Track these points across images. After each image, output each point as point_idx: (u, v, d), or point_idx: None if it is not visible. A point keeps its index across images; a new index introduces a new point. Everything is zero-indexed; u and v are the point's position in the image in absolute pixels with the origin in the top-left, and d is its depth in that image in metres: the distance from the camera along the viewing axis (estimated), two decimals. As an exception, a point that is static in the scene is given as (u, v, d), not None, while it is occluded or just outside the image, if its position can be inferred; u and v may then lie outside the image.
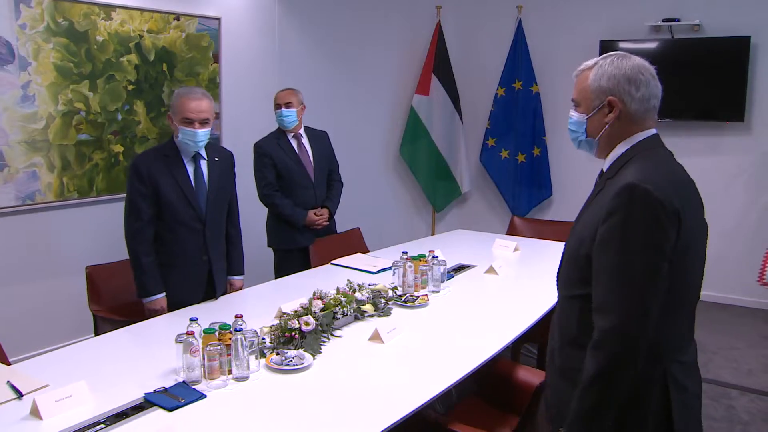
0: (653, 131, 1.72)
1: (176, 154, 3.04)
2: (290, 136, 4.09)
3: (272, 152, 4.02)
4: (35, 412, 1.95)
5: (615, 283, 1.55)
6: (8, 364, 2.45)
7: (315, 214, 4.08)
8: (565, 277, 1.78)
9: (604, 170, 1.77)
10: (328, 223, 4.16)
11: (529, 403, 2.36)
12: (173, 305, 3.00)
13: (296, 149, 4.08)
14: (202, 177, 3.09)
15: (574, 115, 1.81)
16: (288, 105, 3.98)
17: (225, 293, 3.24)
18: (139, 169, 2.96)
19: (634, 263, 1.53)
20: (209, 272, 3.13)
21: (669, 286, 1.56)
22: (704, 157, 5.40)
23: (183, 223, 3.04)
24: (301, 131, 4.12)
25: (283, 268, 4.10)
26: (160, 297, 3.00)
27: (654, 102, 1.71)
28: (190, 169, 3.06)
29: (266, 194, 4.04)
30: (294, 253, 4.13)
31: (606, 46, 5.67)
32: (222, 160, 3.20)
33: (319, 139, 4.22)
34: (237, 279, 3.33)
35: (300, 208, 4.05)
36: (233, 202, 3.32)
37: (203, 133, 2.97)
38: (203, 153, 3.10)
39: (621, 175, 1.64)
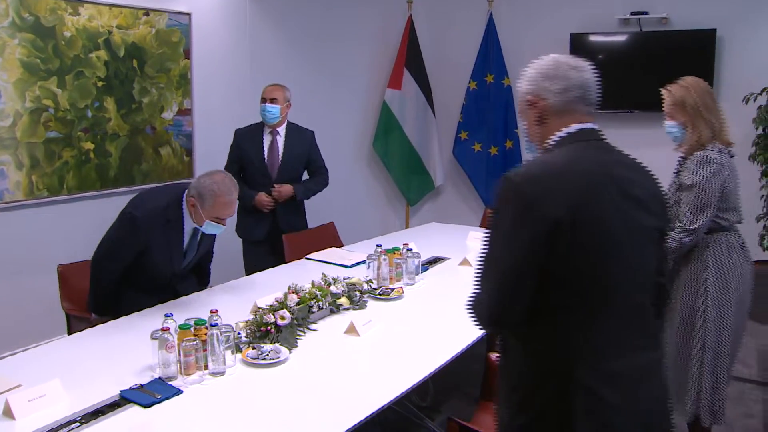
0: (582, 126, 1.63)
1: (178, 218, 2.94)
2: (267, 131, 4.09)
3: (242, 143, 4.07)
4: (8, 413, 1.93)
5: (482, 267, 1.56)
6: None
7: (267, 195, 4.03)
8: None
9: None
10: (272, 206, 4.05)
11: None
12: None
13: (266, 145, 4.08)
14: (194, 246, 3.06)
15: (523, 125, 1.77)
16: (273, 101, 4.00)
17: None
18: (138, 229, 2.84)
19: (495, 254, 1.53)
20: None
21: (577, 289, 1.48)
22: (670, 148, 5.46)
23: (157, 278, 3.01)
24: (280, 128, 4.12)
25: (246, 259, 4.19)
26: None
27: (576, 92, 1.62)
28: (187, 239, 3.00)
29: None
30: (258, 244, 4.16)
31: (576, 39, 5.73)
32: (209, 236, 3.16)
33: (300, 137, 4.18)
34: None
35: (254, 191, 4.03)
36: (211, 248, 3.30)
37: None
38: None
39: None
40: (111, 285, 2.94)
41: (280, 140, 4.11)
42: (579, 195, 1.47)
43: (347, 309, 2.88)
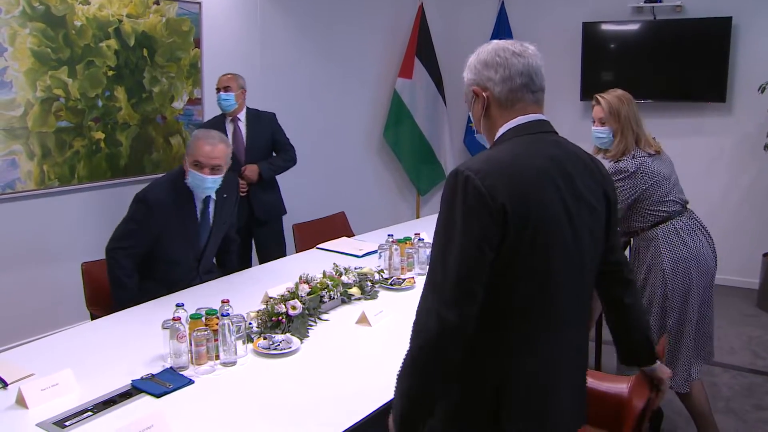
0: (529, 117, 1.57)
1: (188, 192, 2.99)
2: (227, 120, 4.15)
3: None
4: (21, 401, 1.93)
5: (432, 262, 1.48)
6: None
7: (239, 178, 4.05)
8: None
9: None
10: (246, 188, 4.09)
11: (635, 424, 1.95)
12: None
13: (229, 134, 4.12)
14: (208, 218, 3.08)
15: (469, 113, 1.71)
16: (227, 89, 4.07)
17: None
18: (150, 207, 2.89)
19: (449, 245, 1.43)
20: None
21: (507, 283, 1.45)
22: (685, 138, 5.42)
23: (182, 264, 3.06)
24: (240, 115, 4.16)
25: None
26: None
27: (521, 79, 1.55)
28: (199, 210, 3.04)
29: None
30: (237, 232, 4.15)
31: (589, 28, 5.68)
32: (230, 195, 3.21)
33: (262, 122, 4.24)
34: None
35: None
36: (232, 225, 3.36)
37: (212, 180, 2.92)
38: (213, 194, 3.08)
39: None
40: (127, 271, 2.92)
41: (242, 126, 4.17)
42: (525, 188, 1.44)
43: (359, 299, 2.87)
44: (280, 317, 2.49)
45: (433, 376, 1.45)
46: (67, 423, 1.84)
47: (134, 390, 2.03)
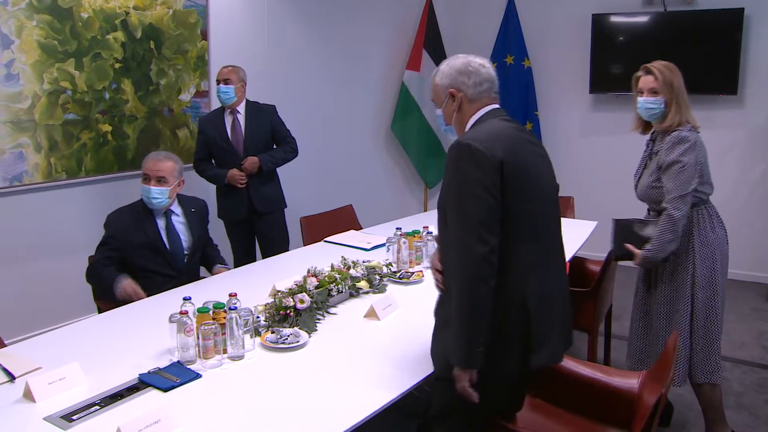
0: (491, 106, 2.08)
1: (147, 210, 3.17)
2: (227, 112, 4.13)
3: (206, 130, 4.15)
4: (28, 395, 1.93)
5: (458, 218, 1.87)
6: (3, 345, 2.43)
7: (237, 170, 4.07)
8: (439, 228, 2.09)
9: None
10: (245, 180, 4.09)
11: (648, 419, 1.92)
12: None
13: (228, 126, 4.12)
14: (176, 233, 3.21)
15: (438, 111, 2.17)
16: (227, 82, 4.04)
17: None
18: (110, 226, 3.14)
19: (466, 197, 1.85)
20: None
21: (511, 220, 1.87)
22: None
23: (156, 271, 3.15)
24: (240, 107, 4.14)
25: (231, 239, 4.31)
26: (123, 279, 2.97)
27: (486, 84, 2.08)
28: (161, 226, 3.18)
29: (195, 163, 4.20)
30: (239, 224, 4.24)
31: (598, 20, 5.63)
32: (197, 209, 3.33)
33: (261, 114, 4.21)
34: (222, 267, 3.33)
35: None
36: (209, 240, 3.47)
37: (157, 191, 3.09)
38: (176, 209, 3.25)
39: (461, 136, 1.99)
40: (103, 266, 3.08)
41: (241, 118, 4.15)
42: (510, 146, 1.91)
43: (367, 292, 2.86)
44: (288, 311, 2.48)
45: (481, 300, 1.83)
46: (74, 417, 1.83)
47: (141, 384, 2.02)
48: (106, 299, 3.00)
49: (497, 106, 2.10)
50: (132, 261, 3.11)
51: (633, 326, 3.09)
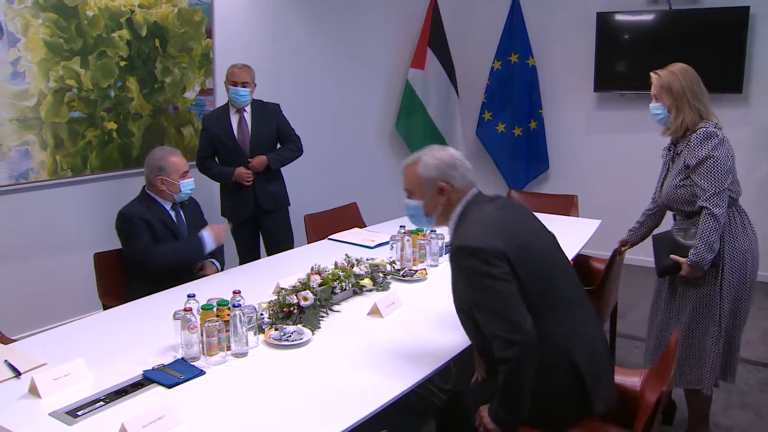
0: (473, 192, 2.17)
1: (155, 203, 3.22)
2: (233, 111, 4.13)
3: (211, 128, 4.12)
4: (34, 391, 1.94)
5: (486, 315, 1.95)
6: (12, 341, 2.44)
7: (245, 168, 4.08)
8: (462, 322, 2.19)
9: (449, 238, 2.21)
10: (251, 178, 4.10)
11: (648, 417, 1.97)
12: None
13: (234, 125, 4.11)
14: (183, 222, 3.29)
15: (411, 202, 2.24)
16: (245, 84, 4.05)
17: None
18: (132, 218, 3.13)
19: (488, 295, 1.93)
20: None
21: (534, 295, 1.95)
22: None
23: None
24: (246, 107, 4.15)
25: (236, 239, 4.28)
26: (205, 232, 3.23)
27: (469, 175, 2.18)
28: (173, 215, 3.26)
29: (199, 161, 4.17)
30: (244, 223, 4.23)
31: (603, 18, 5.63)
32: (189, 201, 3.39)
33: (267, 113, 4.21)
34: (213, 263, 3.35)
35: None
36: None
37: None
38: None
39: (456, 236, 2.11)
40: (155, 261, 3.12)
41: (248, 117, 4.15)
42: (504, 233, 2.00)
43: (370, 290, 2.86)
44: (292, 308, 2.48)
45: (528, 379, 1.91)
46: (79, 412, 1.84)
47: (146, 380, 2.03)
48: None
49: (476, 190, 2.18)
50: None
51: (651, 327, 3.06)
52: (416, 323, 2.56)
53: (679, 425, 3.21)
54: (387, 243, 3.38)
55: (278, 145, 4.26)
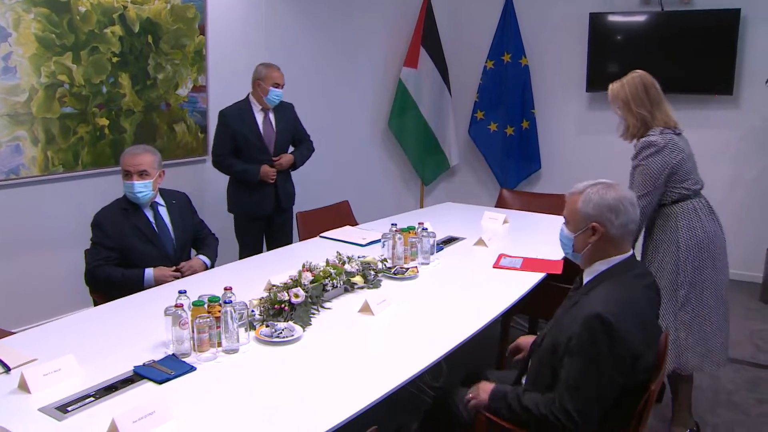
0: (629, 254, 2.07)
1: (134, 205, 3.18)
2: (257, 109, 4.14)
3: (233, 124, 4.09)
4: (23, 386, 1.94)
5: (580, 384, 1.90)
6: (9, 333, 2.44)
7: (269, 166, 4.12)
8: (538, 366, 2.14)
9: (583, 283, 2.14)
10: (275, 178, 4.14)
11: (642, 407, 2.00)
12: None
13: (260, 122, 4.13)
14: (165, 224, 3.25)
15: (565, 230, 2.15)
16: (282, 86, 4.10)
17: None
18: (102, 225, 3.12)
19: (593, 374, 1.89)
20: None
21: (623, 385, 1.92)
22: (692, 130, 5.28)
23: (154, 266, 3.14)
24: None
25: (244, 235, 4.28)
26: (150, 270, 3.08)
27: (632, 227, 2.05)
28: (151, 217, 3.21)
29: (218, 157, 4.14)
30: (257, 220, 4.26)
31: (596, 19, 5.65)
32: (178, 200, 3.36)
33: (285, 111, 4.27)
34: (202, 259, 3.34)
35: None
36: (200, 225, 3.50)
37: (141, 185, 3.10)
38: (159, 200, 3.27)
39: (592, 295, 2.01)
40: (114, 270, 3.09)
41: (272, 116, 4.18)
42: (644, 329, 1.95)
43: (362, 288, 2.87)
44: (283, 305, 2.49)
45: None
46: (69, 408, 1.84)
47: (136, 376, 2.03)
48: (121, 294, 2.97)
49: (631, 253, 2.09)
50: (132, 255, 3.11)
51: None
52: (407, 321, 2.57)
53: (668, 403, 3.29)
54: (379, 241, 3.39)
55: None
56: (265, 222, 4.29)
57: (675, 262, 2.95)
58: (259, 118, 4.13)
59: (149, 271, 3.07)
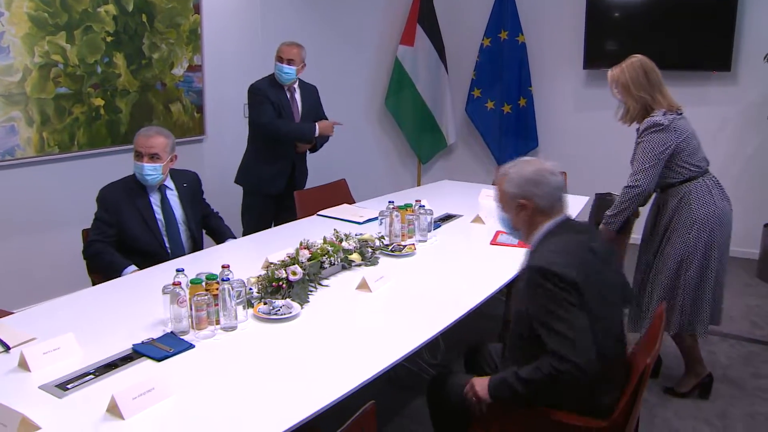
0: (562, 217, 2.15)
1: (141, 186, 3.13)
2: (285, 88, 4.13)
3: (269, 95, 4.05)
4: (23, 365, 1.95)
5: (548, 335, 1.95)
6: (9, 313, 2.44)
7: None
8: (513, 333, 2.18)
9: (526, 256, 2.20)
10: (332, 132, 4.27)
11: (637, 381, 2.04)
12: None
13: (289, 102, 4.12)
14: (170, 209, 3.18)
15: (501, 213, 2.24)
16: (290, 62, 4.04)
17: None
18: (105, 201, 3.09)
19: (555, 319, 1.94)
20: None
21: (597, 319, 1.98)
22: (689, 107, 5.29)
23: (145, 252, 3.08)
24: (295, 85, 4.17)
25: (249, 211, 4.26)
26: (132, 268, 2.96)
27: (558, 194, 2.14)
28: (155, 202, 3.16)
29: (269, 124, 4.05)
30: (268, 198, 4.24)
31: (593, -5, 5.60)
32: (189, 184, 3.30)
33: (309, 93, 4.28)
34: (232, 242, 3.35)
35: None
36: (207, 209, 3.46)
37: (150, 167, 3.05)
38: (169, 184, 3.21)
39: (534, 256, 2.09)
40: (108, 249, 3.04)
41: (297, 96, 4.19)
42: (580, 266, 1.98)
43: (359, 265, 2.88)
44: (281, 283, 2.49)
45: (557, 391, 1.99)
46: (68, 386, 1.85)
47: (135, 354, 2.04)
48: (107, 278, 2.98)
49: (565, 216, 2.16)
50: (125, 236, 3.08)
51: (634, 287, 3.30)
52: (404, 298, 2.58)
53: (664, 379, 3.38)
54: (376, 219, 3.39)
55: None
56: (274, 202, 4.25)
57: (686, 240, 3.06)
58: (287, 95, 4.13)
59: (130, 269, 2.95)
